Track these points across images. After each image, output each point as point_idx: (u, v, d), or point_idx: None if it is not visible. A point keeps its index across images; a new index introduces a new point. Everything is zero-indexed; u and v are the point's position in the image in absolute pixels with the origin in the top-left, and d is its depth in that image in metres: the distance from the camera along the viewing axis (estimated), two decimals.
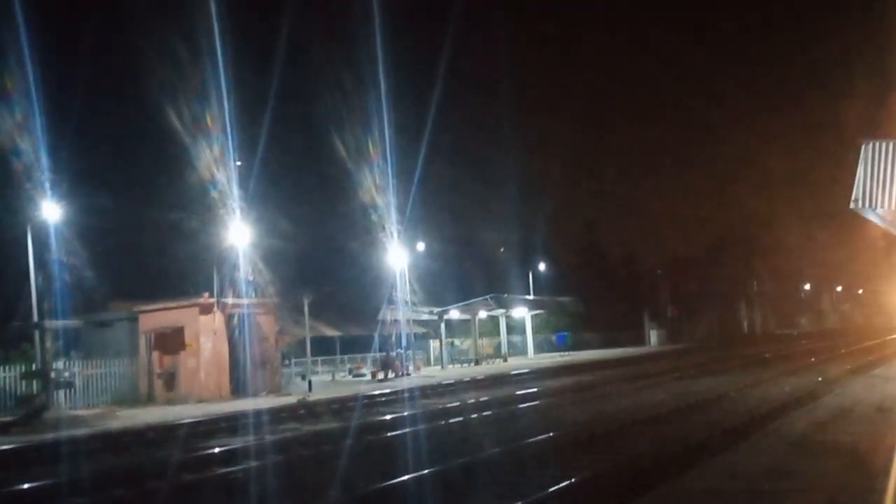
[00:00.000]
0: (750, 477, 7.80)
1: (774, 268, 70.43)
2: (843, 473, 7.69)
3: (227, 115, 25.54)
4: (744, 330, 74.39)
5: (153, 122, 26.78)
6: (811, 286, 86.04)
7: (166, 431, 17.54)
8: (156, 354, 26.50)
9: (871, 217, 18.01)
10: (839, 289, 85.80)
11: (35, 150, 22.70)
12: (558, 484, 9.43)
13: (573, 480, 9.64)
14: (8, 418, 20.00)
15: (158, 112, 26.56)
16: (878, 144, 16.98)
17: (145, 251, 37.38)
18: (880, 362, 22.96)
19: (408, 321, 36.25)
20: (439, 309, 42.30)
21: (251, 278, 27.00)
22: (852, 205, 17.38)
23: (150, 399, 25.49)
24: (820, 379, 20.96)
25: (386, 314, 37.09)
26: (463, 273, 49.43)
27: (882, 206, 16.68)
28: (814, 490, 7.02)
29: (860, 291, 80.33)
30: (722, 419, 14.63)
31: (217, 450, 14.29)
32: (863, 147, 17.23)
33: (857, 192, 17.00)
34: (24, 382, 21.85)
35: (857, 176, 17.11)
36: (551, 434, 13.46)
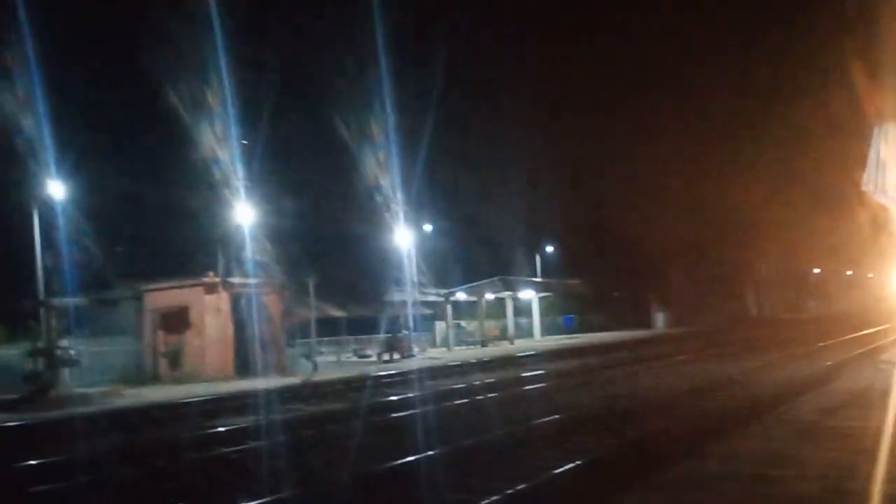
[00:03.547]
0: (757, 462, 7.70)
1: (783, 251, 70.06)
2: (850, 459, 7.58)
3: (232, 94, 25.42)
4: (751, 313, 74.09)
5: (159, 100, 26.63)
6: (820, 270, 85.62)
7: (171, 410, 17.58)
8: (161, 333, 26.59)
9: (882, 200, 17.83)
10: (849, 273, 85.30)
11: (39, 129, 22.66)
12: (564, 466, 9.37)
13: (580, 463, 9.58)
14: (14, 396, 20.07)
15: (165, 90, 26.43)
16: (890, 127, 16.76)
17: (152, 230, 37.40)
18: (889, 347, 22.79)
19: (414, 303, 36.22)
20: (446, 290, 42.26)
21: (257, 258, 26.98)
22: (863, 187, 17.19)
23: (154, 378, 25.59)
24: (828, 363, 20.80)
25: (392, 295, 37.07)
26: (470, 255, 49.34)
27: (893, 189, 16.49)
28: (820, 477, 6.92)
29: (870, 276, 79.79)
30: (729, 404, 14.53)
31: (222, 429, 14.30)
32: (875, 129, 17.01)
33: (868, 174, 16.81)
34: (29, 360, 21.90)
35: (869, 158, 16.91)
36: (558, 416, 13.40)
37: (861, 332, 33.14)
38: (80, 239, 24.87)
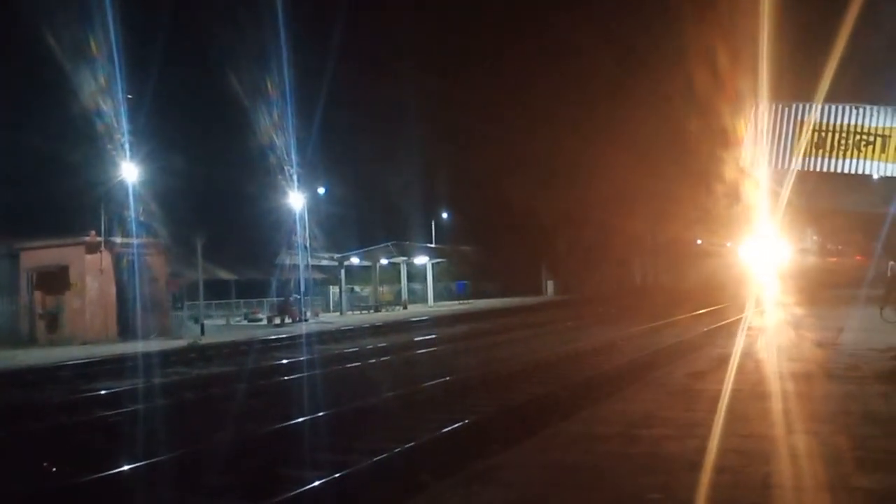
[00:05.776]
0: (628, 423, 8.06)
1: (666, 223, 72.60)
2: (713, 420, 8.03)
3: (118, 46, 24.28)
4: (637, 282, 76.85)
5: (41, 47, 25.15)
6: (702, 242, 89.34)
7: (47, 373, 16.94)
8: (38, 294, 25.49)
9: (758, 175, 18.80)
10: (729, 244, 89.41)
11: None
12: (450, 426, 9.59)
13: (465, 422, 9.82)
14: None
15: (45, 37, 24.99)
16: (766, 106, 17.64)
17: (31, 185, 35.51)
18: (755, 316, 24.11)
19: (307, 266, 35.85)
20: (340, 255, 42.00)
21: (142, 217, 26.07)
22: (741, 163, 18.10)
23: (31, 340, 24.60)
24: (704, 329, 21.88)
25: (285, 259, 36.58)
26: (365, 219, 49.14)
27: (768, 165, 17.42)
28: (687, 436, 7.32)
29: (743, 248, 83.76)
30: (609, 367, 15.11)
31: (102, 392, 13.90)
32: (753, 109, 17.86)
33: (745, 151, 17.70)
34: None
35: (747, 135, 17.78)
36: (447, 378, 13.64)
37: (733, 302, 34.88)
38: None
